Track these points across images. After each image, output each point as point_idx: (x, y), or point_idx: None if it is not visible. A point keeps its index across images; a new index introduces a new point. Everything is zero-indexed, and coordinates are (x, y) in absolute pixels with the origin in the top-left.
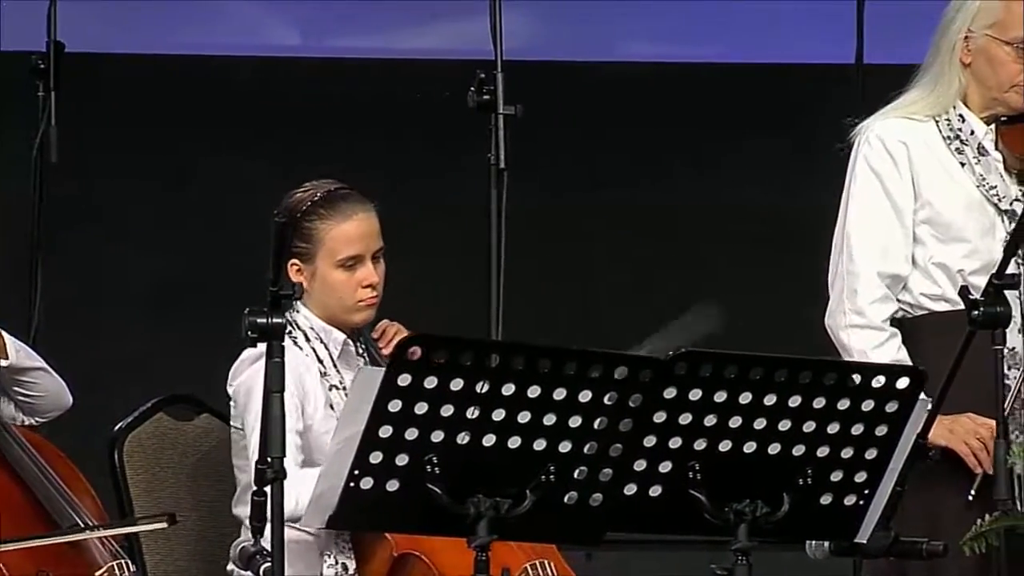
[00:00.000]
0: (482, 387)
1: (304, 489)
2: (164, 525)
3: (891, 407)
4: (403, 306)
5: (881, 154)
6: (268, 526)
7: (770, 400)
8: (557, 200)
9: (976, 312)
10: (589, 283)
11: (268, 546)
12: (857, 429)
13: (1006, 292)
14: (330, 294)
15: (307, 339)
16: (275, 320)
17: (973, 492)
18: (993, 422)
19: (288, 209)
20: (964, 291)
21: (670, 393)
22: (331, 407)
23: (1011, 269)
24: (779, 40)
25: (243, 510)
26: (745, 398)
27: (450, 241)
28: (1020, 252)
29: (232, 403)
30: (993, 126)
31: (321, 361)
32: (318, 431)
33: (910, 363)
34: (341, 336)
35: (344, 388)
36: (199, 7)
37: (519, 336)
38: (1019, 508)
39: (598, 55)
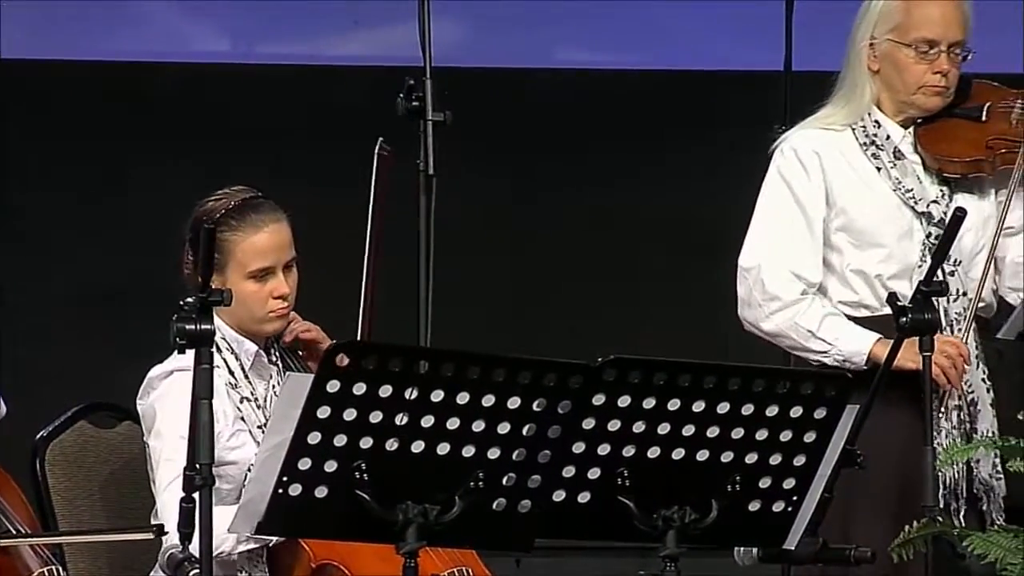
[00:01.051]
0: (411, 393)
1: (218, 525)
2: (151, 536)
3: (819, 413)
4: (331, 312)
5: (793, 164)
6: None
7: (699, 407)
8: (487, 206)
9: (904, 319)
10: (519, 289)
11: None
12: (786, 436)
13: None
14: (241, 305)
15: (218, 349)
16: (204, 326)
17: (939, 407)
18: (959, 342)
19: (199, 218)
20: (892, 298)
21: (599, 400)
22: (241, 420)
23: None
24: (709, 47)
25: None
26: (674, 405)
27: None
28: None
29: (142, 418)
30: (911, 129)
31: (232, 372)
32: (225, 446)
33: (842, 314)
34: (253, 347)
35: (255, 400)
36: (126, 14)
37: (448, 343)
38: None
39: (528, 62)
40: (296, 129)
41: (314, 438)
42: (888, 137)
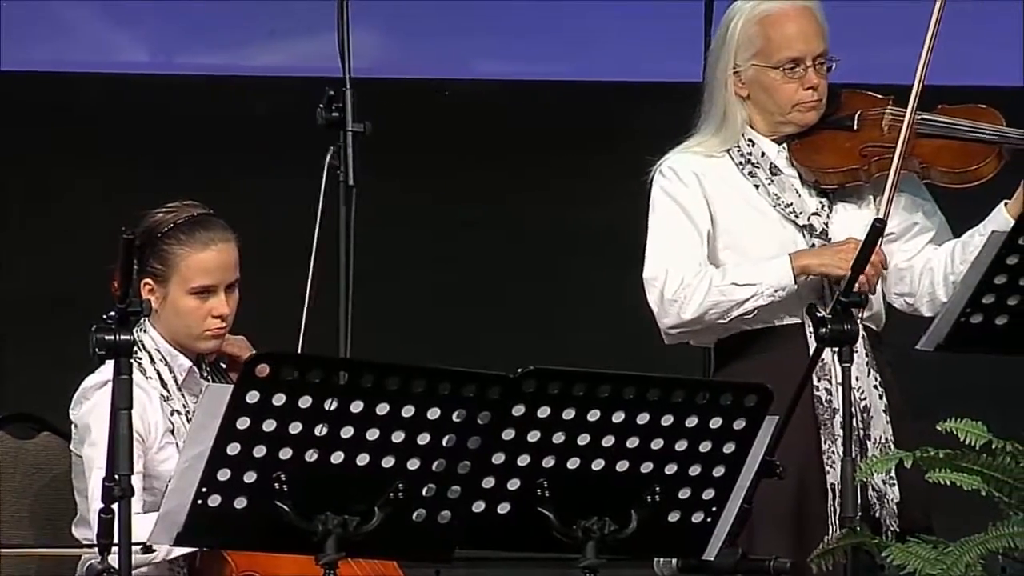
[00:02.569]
0: (331, 404)
1: (143, 533)
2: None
3: (739, 424)
4: (253, 324)
5: (675, 181)
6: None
7: (618, 417)
8: (407, 217)
9: (824, 330)
10: (440, 300)
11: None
12: (705, 446)
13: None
14: (179, 319)
15: (152, 360)
16: (123, 337)
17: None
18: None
19: (148, 228)
20: (812, 308)
21: (519, 410)
22: (172, 432)
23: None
24: (629, 58)
25: (82, 532)
26: (593, 415)
27: (298, 258)
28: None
29: (74, 427)
30: (785, 144)
31: (165, 385)
32: (156, 459)
33: (737, 276)
34: (187, 363)
35: (187, 413)
36: (45, 23)
37: (368, 354)
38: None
39: (448, 72)
40: (215, 140)
41: (233, 449)
42: (763, 154)
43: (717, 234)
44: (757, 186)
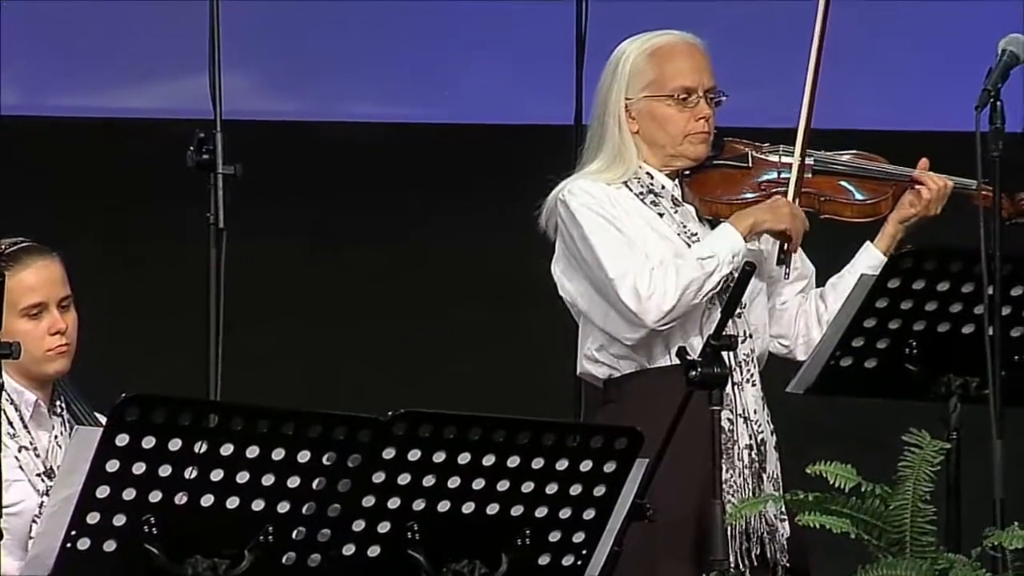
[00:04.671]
0: (200, 447)
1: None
2: None
3: (609, 467)
4: (124, 367)
5: (589, 198)
6: None
7: (489, 460)
8: (277, 258)
9: (694, 372)
10: (310, 343)
11: None
12: (575, 489)
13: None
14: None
15: None
16: None
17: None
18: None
19: None
20: (682, 351)
21: (389, 453)
22: (20, 468)
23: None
24: (501, 101)
25: None
26: (464, 458)
27: (169, 301)
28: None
29: None
30: (677, 181)
31: (11, 423)
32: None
33: (696, 252)
34: (32, 397)
35: (34, 449)
36: None
37: (239, 397)
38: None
39: (319, 115)
40: (86, 182)
41: (103, 492)
42: (663, 187)
43: None
44: (661, 214)
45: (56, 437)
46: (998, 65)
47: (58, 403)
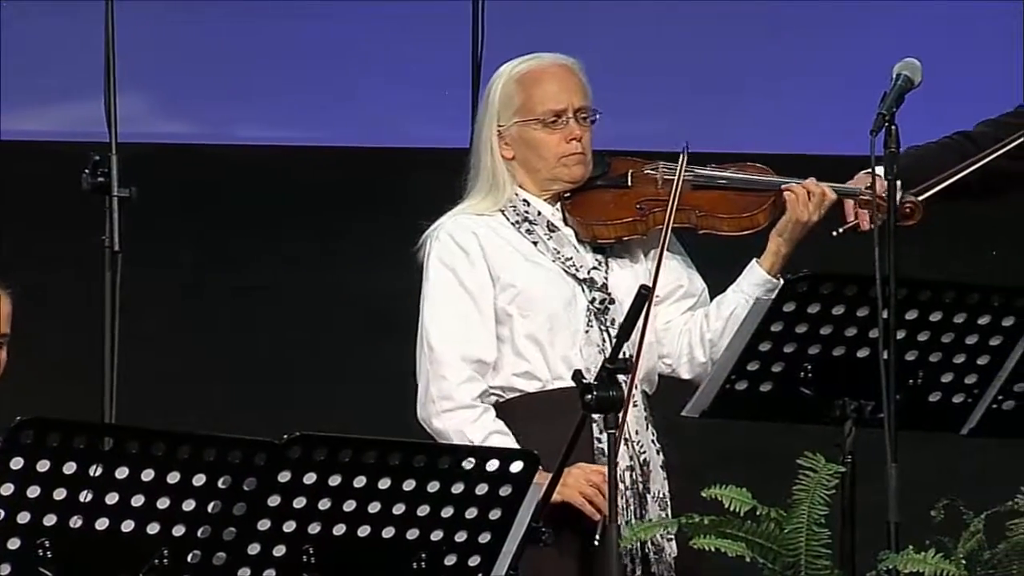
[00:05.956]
0: (95, 470)
1: None
2: None
3: (504, 491)
4: (18, 393)
5: (451, 248)
6: None
7: (385, 484)
8: (173, 282)
9: (590, 396)
10: (206, 367)
11: None
12: (471, 513)
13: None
14: None
15: None
16: None
17: (597, 538)
18: (603, 468)
19: None
20: (577, 375)
21: (284, 477)
22: None
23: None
24: (397, 124)
25: None
26: (360, 482)
27: (64, 324)
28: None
29: None
30: (559, 204)
31: None
32: None
33: (508, 432)
34: None
35: None
36: None
37: (134, 420)
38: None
39: (215, 138)
40: None
41: None
42: (539, 213)
43: (499, 290)
44: (536, 242)
45: None
46: (893, 89)
47: None
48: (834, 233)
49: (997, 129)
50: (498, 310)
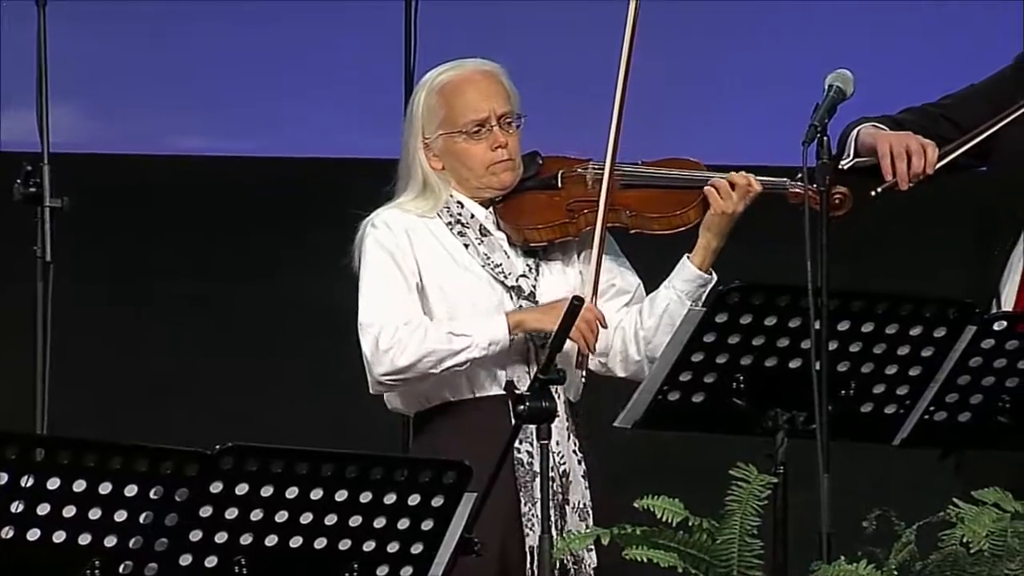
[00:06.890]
0: (27, 481)
1: None
2: None
3: (437, 501)
4: None
5: (387, 234)
6: None
7: (317, 494)
8: (106, 293)
9: (522, 407)
10: (140, 378)
11: None
12: (403, 523)
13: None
14: None
15: None
16: None
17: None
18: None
19: None
20: (510, 386)
21: (216, 487)
22: None
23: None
24: (330, 133)
25: None
26: (292, 492)
27: None
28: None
29: None
30: (492, 208)
31: None
32: None
33: (454, 327)
34: None
35: None
36: None
37: (66, 431)
38: None
39: (148, 148)
40: None
41: None
42: (473, 216)
43: (427, 290)
44: (467, 245)
45: None
46: (825, 100)
47: None
48: (872, 193)
49: (919, 117)
50: (427, 309)
